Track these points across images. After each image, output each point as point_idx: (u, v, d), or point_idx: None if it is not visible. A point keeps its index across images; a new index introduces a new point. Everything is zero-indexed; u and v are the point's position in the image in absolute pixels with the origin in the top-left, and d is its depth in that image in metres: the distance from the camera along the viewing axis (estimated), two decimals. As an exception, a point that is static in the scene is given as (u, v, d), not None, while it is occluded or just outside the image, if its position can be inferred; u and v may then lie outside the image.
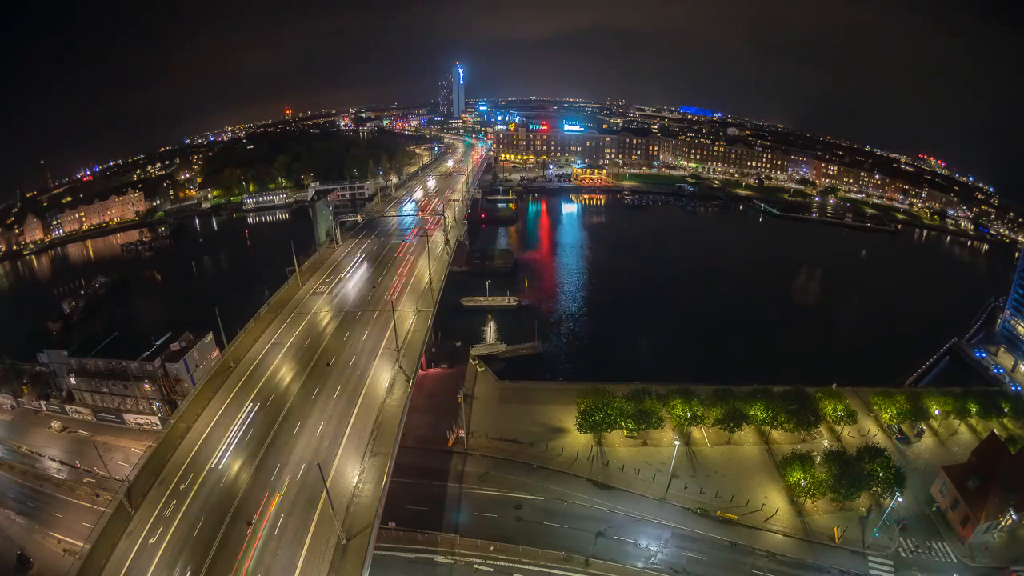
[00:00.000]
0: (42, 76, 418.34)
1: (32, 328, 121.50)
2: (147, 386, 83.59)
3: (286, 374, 70.60)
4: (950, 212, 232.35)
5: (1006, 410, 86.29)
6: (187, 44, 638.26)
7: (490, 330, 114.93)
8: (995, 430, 78.88)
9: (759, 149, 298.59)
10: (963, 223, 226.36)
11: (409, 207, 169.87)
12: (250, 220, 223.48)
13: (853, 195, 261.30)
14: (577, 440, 78.95)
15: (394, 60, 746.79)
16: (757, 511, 67.81)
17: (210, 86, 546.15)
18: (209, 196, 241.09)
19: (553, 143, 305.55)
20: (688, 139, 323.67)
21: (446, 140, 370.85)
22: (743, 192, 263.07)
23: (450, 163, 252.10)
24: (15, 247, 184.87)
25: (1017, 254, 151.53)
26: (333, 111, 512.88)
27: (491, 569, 59.47)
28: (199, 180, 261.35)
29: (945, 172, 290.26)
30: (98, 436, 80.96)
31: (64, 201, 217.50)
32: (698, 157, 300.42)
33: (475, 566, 59.66)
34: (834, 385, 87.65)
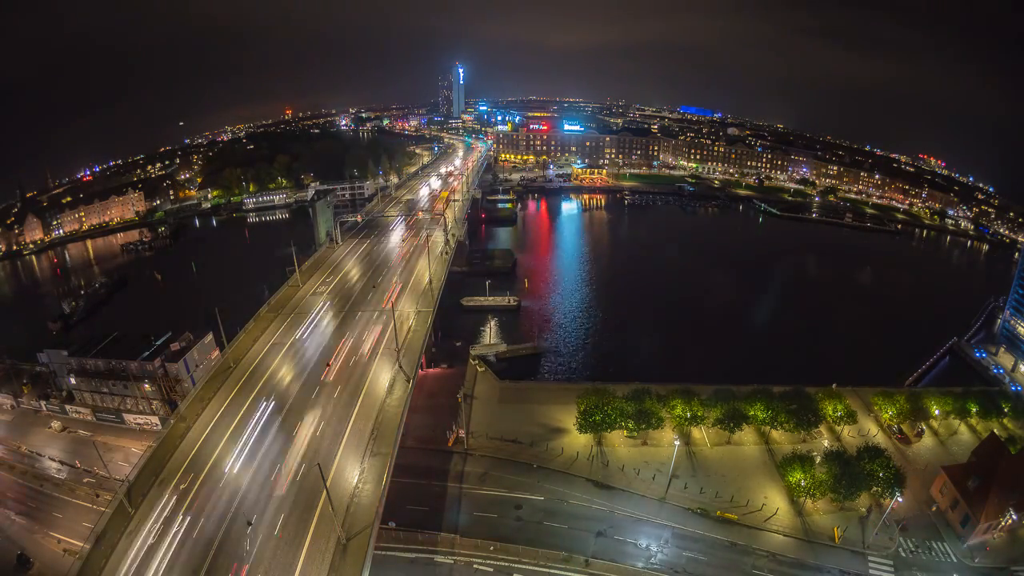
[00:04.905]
0: (42, 75, 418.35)
1: (32, 328, 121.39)
2: (147, 386, 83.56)
3: (286, 374, 70.63)
4: (950, 212, 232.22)
5: (1006, 410, 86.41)
6: (187, 44, 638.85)
7: (490, 330, 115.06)
8: (995, 430, 79.11)
9: (759, 149, 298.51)
10: (963, 223, 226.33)
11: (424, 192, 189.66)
12: (250, 220, 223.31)
13: (853, 195, 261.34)
14: (577, 440, 78.95)
15: (394, 60, 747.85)
16: (757, 511, 67.80)
17: (210, 86, 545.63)
18: (209, 196, 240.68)
19: (553, 143, 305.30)
20: (688, 139, 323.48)
21: (446, 140, 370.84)
22: (743, 192, 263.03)
23: (451, 163, 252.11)
24: (15, 247, 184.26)
25: (1017, 254, 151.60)
26: (333, 111, 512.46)
27: (491, 569, 59.48)
28: (199, 180, 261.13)
29: (945, 172, 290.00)
30: (98, 436, 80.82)
31: (64, 201, 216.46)
32: (698, 157, 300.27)
33: (475, 566, 59.65)
34: (834, 385, 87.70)
